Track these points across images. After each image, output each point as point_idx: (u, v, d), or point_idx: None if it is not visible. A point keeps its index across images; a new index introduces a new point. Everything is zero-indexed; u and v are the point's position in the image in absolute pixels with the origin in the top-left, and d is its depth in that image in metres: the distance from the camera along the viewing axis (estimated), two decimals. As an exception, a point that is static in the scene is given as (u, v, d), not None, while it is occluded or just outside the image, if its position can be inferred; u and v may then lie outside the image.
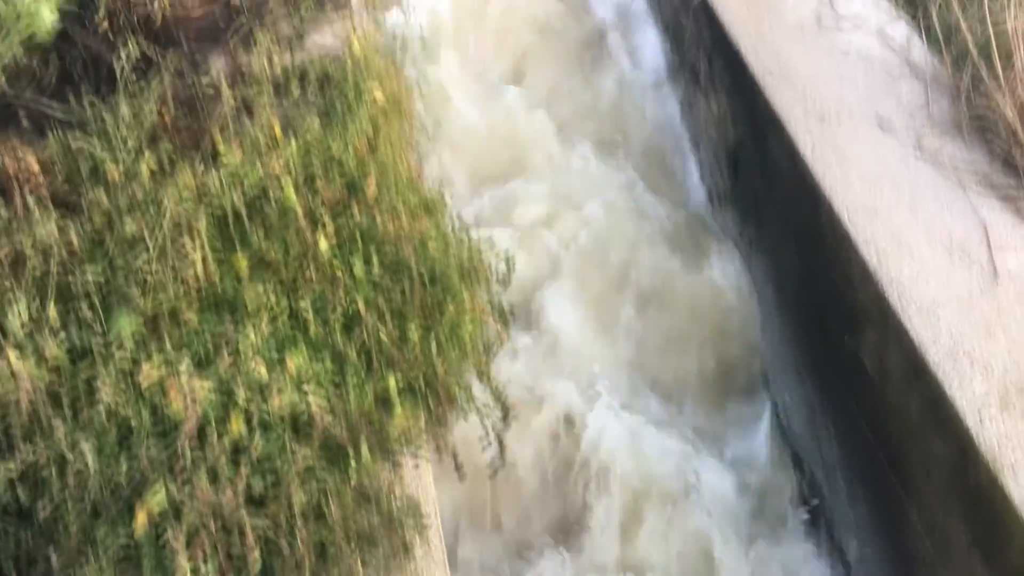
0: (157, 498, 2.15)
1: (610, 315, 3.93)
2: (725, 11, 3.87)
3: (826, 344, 3.20)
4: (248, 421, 2.28)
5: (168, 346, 2.43)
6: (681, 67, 4.31)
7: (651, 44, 4.68)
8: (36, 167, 2.80)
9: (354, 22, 3.73)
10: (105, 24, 3.55)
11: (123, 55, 3.23)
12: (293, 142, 2.95)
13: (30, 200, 2.72)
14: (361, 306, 2.60)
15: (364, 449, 2.35)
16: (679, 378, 3.85)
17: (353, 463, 2.32)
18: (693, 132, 4.20)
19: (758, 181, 3.65)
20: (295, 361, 2.37)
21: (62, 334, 2.44)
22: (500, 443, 2.87)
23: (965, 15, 3.51)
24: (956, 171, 3.12)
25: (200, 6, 3.70)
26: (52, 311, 2.45)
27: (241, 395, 2.27)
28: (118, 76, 3.22)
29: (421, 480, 2.64)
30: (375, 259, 2.73)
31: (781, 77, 3.54)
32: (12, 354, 2.36)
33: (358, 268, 2.67)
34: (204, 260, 2.60)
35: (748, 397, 3.78)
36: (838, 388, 3.16)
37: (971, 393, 2.51)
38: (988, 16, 3.26)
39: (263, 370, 2.33)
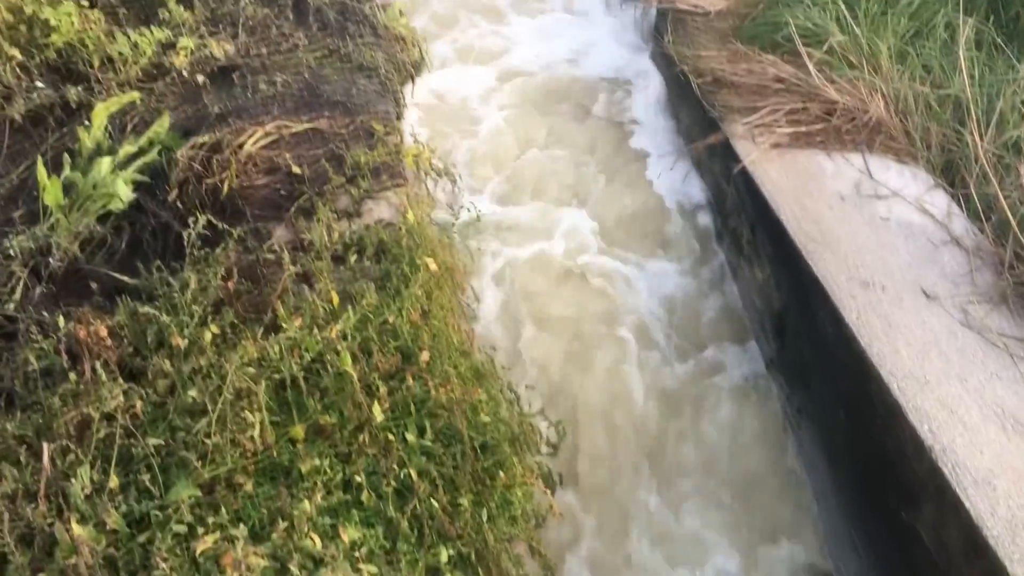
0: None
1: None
2: (765, 180, 4.00)
3: (882, 517, 3.14)
4: (301, 594, 2.28)
5: (224, 513, 2.47)
6: (724, 233, 4.42)
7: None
8: (105, 334, 2.92)
9: (409, 193, 3.91)
10: (175, 194, 3.75)
11: (191, 225, 3.40)
12: (350, 311, 3.06)
13: (98, 367, 2.82)
14: (413, 475, 2.62)
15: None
16: (735, 542, 3.77)
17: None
18: (740, 297, 4.26)
19: (805, 347, 3.68)
20: (348, 533, 2.38)
21: (121, 500, 2.50)
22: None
23: (1003, 186, 3.60)
24: (1003, 341, 3.14)
25: (263, 177, 3.90)
26: (113, 479, 2.51)
27: (295, 567, 2.28)
28: (186, 245, 3.39)
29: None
30: (428, 427, 2.78)
31: (823, 244, 3.62)
32: (74, 520, 2.42)
33: (411, 437, 2.71)
34: (262, 427, 2.66)
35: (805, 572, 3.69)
36: (897, 564, 3.08)
37: (1034, 570, 2.44)
38: (1026, 187, 3.35)
39: (317, 541, 2.35)
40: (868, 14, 4.38)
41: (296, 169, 3.86)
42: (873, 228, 3.68)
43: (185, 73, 4.27)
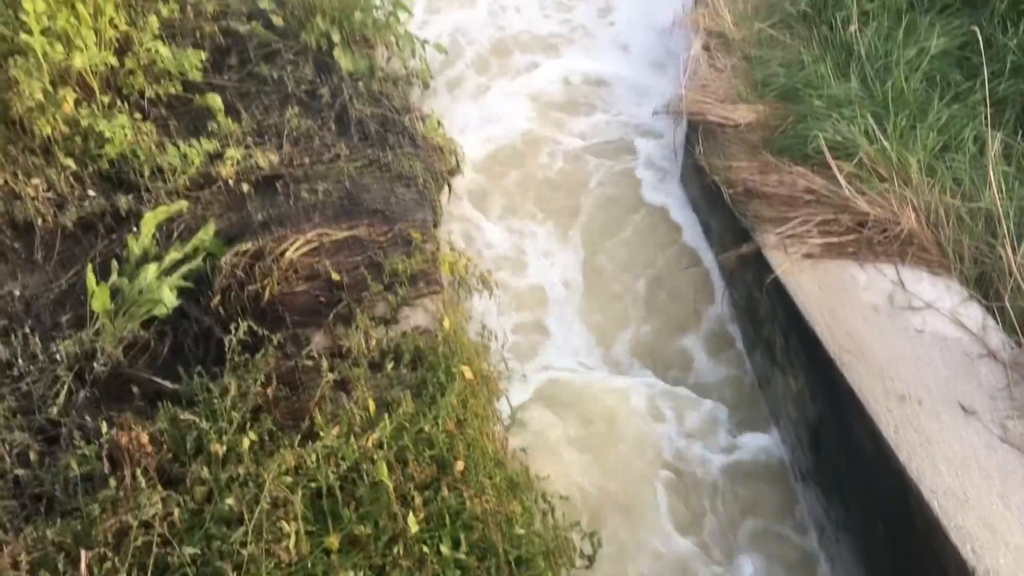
0: None
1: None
2: (798, 290, 4.03)
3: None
4: None
5: (257, 627, 2.46)
6: (756, 342, 4.42)
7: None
8: (146, 440, 2.96)
9: (445, 300, 3.98)
10: (217, 300, 3.85)
11: (232, 331, 3.47)
12: (387, 419, 3.09)
13: (138, 473, 2.86)
14: (448, 589, 2.61)
15: None
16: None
17: None
18: (772, 407, 4.25)
19: (841, 460, 3.64)
20: (383, 648, 2.37)
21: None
22: None
23: (1038, 299, 3.60)
24: (1046, 457, 3.10)
25: (303, 283, 3.99)
26: (150, 589, 2.52)
27: None
28: (226, 351, 3.46)
29: None
30: (463, 539, 2.77)
31: (858, 356, 3.62)
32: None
33: (446, 549, 2.70)
34: (297, 537, 2.67)
35: None
36: None
37: None
38: (1061, 301, 3.35)
39: (351, 658, 2.33)
40: (897, 128, 4.46)
41: (336, 276, 3.95)
42: (908, 340, 3.68)
43: (231, 182, 4.42)
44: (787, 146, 4.73)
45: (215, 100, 4.69)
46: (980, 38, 4.53)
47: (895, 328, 3.75)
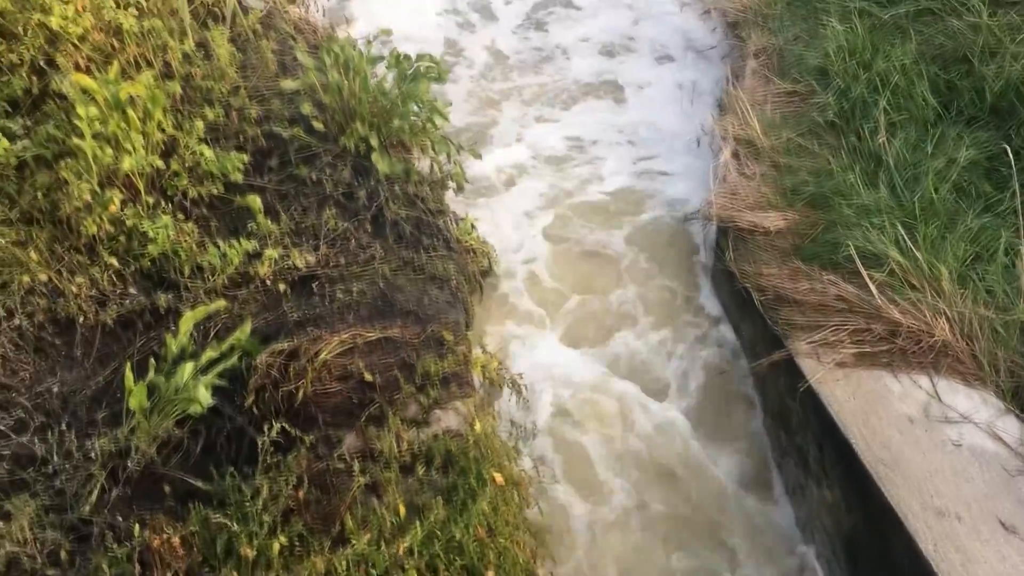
0: None
1: None
2: (832, 400, 4.00)
3: None
4: None
5: None
6: (789, 451, 4.38)
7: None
8: (178, 543, 2.96)
9: (477, 403, 3.99)
10: (251, 400, 3.88)
11: (265, 431, 3.49)
12: (417, 525, 3.07)
13: (168, 576, 2.85)
14: None
15: None
16: None
17: None
18: (804, 518, 4.17)
19: (879, 575, 3.56)
20: None
21: None
22: None
23: (1077, 414, 3.56)
24: (1092, 579, 3.02)
25: (336, 383, 4.02)
26: None
27: None
28: (259, 451, 3.47)
29: None
30: (493, 653, 2.72)
31: (894, 468, 3.58)
32: None
33: (476, 664, 2.65)
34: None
35: None
36: None
37: None
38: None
39: None
40: (927, 238, 4.49)
41: (368, 377, 3.98)
42: (945, 454, 3.64)
43: (268, 282, 4.50)
44: (817, 253, 4.76)
45: (255, 201, 4.81)
46: (1010, 152, 4.59)
47: (932, 441, 3.71)
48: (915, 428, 3.77)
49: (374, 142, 5.16)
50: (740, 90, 6.13)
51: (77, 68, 5.04)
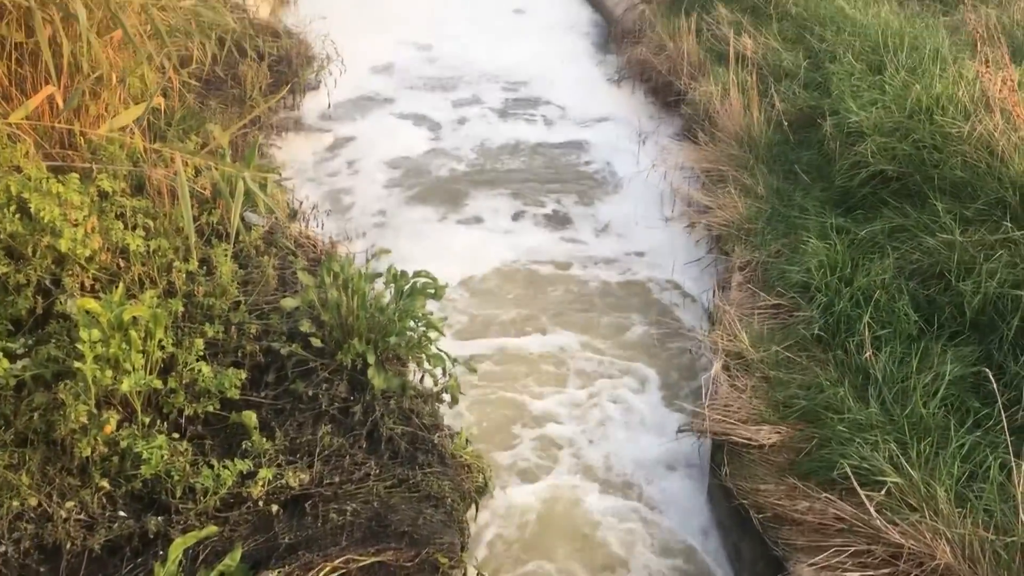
0: None
1: None
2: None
3: None
4: None
5: None
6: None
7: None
8: None
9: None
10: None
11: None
12: None
13: None
14: None
15: None
16: None
17: None
18: None
19: None
20: None
21: None
22: None
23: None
24: None
25: (327, 612, 3.90)
26: None
27: None
28: None
29: None
30: None
31: None
32: None
33: None
34: None
35: None
36: None
37: None
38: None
39: None
40: (921, 455, 4.52)
41: (361, 607, 3.88)
42: None
43: (260, 503, 4.44)
44: (813, 469, 4.77)
45: (251, 418, 4.82)
46: (991, 374, 4.71)
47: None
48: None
49: (371, 358, 5.24)
50: (727, 303, 6.32)
51: (83, 288, 5.18)
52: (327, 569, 4.03)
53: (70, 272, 5.19)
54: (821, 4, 10.07)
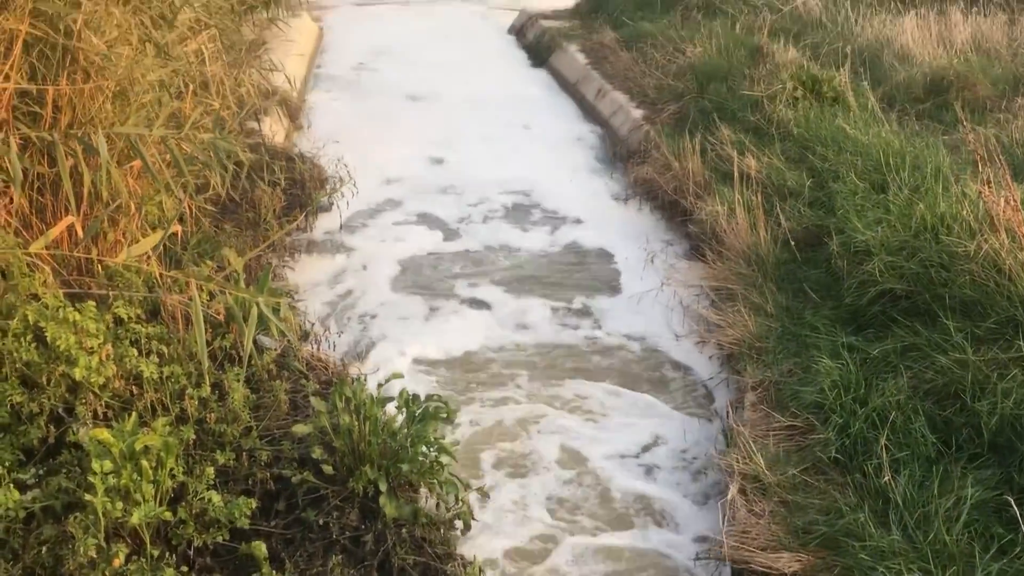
0: None
1: None
2: None
3: None
4: None
5: None
6: None
7: None
8: None
9: None
10: None
11: None
12: None
13: None
14: None
15: None
16: None
17: None
18: None
19: None
20: None
21: None
22: None
23: None
24: None
25: None
26: None
27: None
28: None
29: None
30: None
31: None
32: None
33: None
34: None
35: None
36: None
37: None
38: None
39: None
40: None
41: None
42: None
43: (270, 639, 4.33)
44: None
45: (260, 549, 4.74)
46: (1012, 499, 4.63)
47: None
48: None
49: (382, 485, 5.19)
50: (741, 424, 6.27)
51: (95, 416, 5.18)
52: None
53: (83, 400, 5.20)
54: (822, 124, 10.28)
